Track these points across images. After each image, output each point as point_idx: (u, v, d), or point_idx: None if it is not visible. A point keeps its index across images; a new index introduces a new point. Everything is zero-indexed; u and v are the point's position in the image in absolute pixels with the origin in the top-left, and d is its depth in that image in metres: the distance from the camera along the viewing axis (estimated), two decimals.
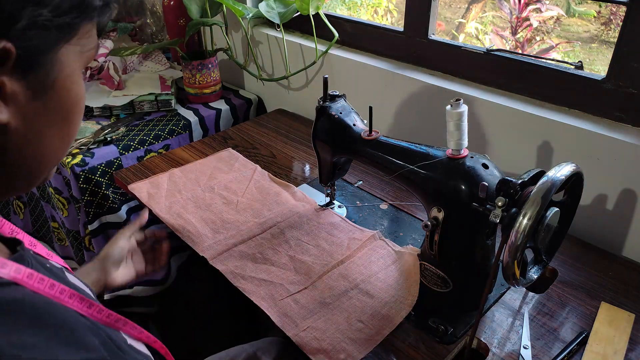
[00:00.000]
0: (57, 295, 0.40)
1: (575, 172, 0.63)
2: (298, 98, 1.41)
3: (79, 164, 1.13)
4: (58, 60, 0.38)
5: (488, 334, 0.72)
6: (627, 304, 0.76)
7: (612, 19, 2.75)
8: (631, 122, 0.87)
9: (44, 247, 0.49)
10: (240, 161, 1.13)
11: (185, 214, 0.95)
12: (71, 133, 0.43)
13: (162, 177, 1.07)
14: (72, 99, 0.41)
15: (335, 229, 0.92)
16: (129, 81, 1.45)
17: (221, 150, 1.17)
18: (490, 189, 0.65)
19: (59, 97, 0.39)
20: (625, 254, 0.90)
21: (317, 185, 1.05)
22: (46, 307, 0.38)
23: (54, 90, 0.39)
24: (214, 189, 1.03)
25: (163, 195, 1.01)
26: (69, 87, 0.40)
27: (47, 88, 0.38)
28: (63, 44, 0.38)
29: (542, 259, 0.70)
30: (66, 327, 0.38)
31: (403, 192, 1.03)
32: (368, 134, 0.82)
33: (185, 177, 1.07)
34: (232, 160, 1.13)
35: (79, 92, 0.41)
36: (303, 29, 1.38)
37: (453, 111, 0.69)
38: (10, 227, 0.46)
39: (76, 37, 0.39)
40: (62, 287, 0.40)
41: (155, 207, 0.97)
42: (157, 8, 1.68)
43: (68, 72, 0.39)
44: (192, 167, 1.11)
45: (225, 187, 1.04)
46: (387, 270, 0.82)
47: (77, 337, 0.38)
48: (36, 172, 0.42)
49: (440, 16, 2.99)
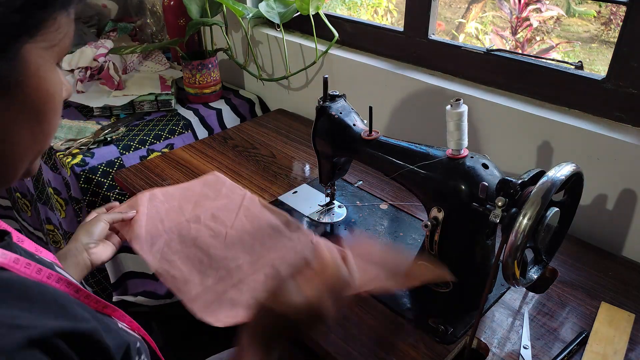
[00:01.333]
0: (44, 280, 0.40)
1: (575, 172, 0.63)
2: (298, 98, 1.41)
3: (79, 164, 1.13)
4: (20, 59, 0.36)
5: (488, 334, 0.72)
6: (627, 304, 0.76)
7: (612, 19, 2.75)
8: (631, 122, 0.87)
9: (33, 243, 0.49)
10: (227, 186, 1.02)
11: (170, 254, 0.84)
12: (45, 131, 0.41)
13: (142, 198, 0.93)
14: (41, 96, 0.39)
15: None
16: (129, 81, 1.45)
17: (207, 174, 1.06)
18: (490, 189, 0.65)
19: (26, 95, 0.38)
20: (625, 254, 0.90)
21: (317, 185, 1.05)
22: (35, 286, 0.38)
23: (19, 88, 0.37)
24: (200, 218, 0.92)
25: (143, 224, 0.88)
26: (37, 84, 0.38)
27: (9, 87, 0.36)
28: (24, 41, 0.36)
29: (542, 259, 0.70)
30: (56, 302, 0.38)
31: (403, 192, 1.03)
32: (368, 134, 0.82)
33: (168, 203, 0.95)
34: (218, 185, 1.02)
35: (49, 88, 0.40)
36: (303, 29, 1.38)
37: (453, 111, 0.69)
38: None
39: (41, 33, 0.37)
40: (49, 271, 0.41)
41: (135, 243, 0.85)
42: (157, 8, 1.68)
43: (34, 69, 0.37)
44: (175, 192, 0.98)
45: (212, 216, 0.93)
46: None
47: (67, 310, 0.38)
48: (10, 171, 0.41)
49: (440, 16, 2.99)
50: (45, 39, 0.38)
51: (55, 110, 0.41)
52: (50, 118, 0.41)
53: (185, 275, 0.80)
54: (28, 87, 0.38)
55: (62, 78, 0.42)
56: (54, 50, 0.39)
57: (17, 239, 0.47)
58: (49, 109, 0.40)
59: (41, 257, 0.48)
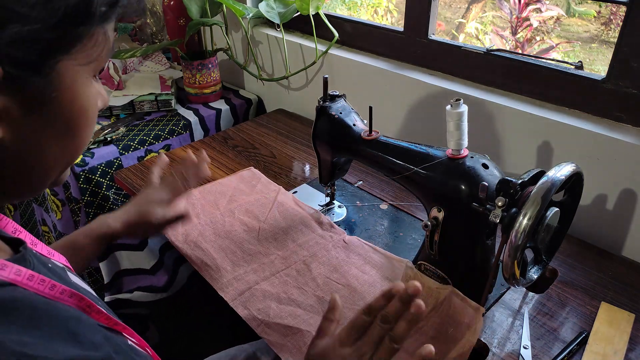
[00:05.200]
0: (57, 296, 0.40)
1: (575, 172, 0.63)
2: (298, 98, 1.41)
3: (79, 164, 1.13)
4: (56, 74, 0.36)
5: (488, 334, 0.72)
6: (627, 304, 0.76)
7: (612, 19, 2.75)
8: (631, 122, 0.87)
9: (46, 246, 0.49)
10: (262, 182, 1.05)
11: (203, 243, 0.87)
12: (76, 144, 0.41)
13: None
14: (74, 111, 0.39)
15: (367, 264, 0.83)
16: (129, 81, 1.45)
17: (242, 170, 1.09)
18: (490, 189, 0.65)
19: (60, 110, 0.38)
20: (625, 253, 0.90)
21: (317, 185, 1.05)
22: (46, 307, 0.38)
23: (53, 103, 0.37)
24: (234, 213, 0.95)
25: None
26: (71, 99, 0.38)
27: (44, 102, 0.36)
28: (60, 57, 0.36)
29: (542, 259, 0.70)
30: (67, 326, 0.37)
31: (403, 192, 1.03)
32: (368, 134, 0.82)
33: (203, 198, 0.99)
34: (253, 181, 1.05)
35: (83, 103, 0.39)
36: (303, 29, 1.38)
37: (453, 111, 0.69)
38: (13, 225, 0.46)
39: (77, 49, 0.37)
40: (62, 287, 0.40)
41: (171, 234, 0.89)
42: (157, 8, 1.68)
43: (68, 84, 0.37)
44: (211, 188, 1.02)
45: (246, 211, 0.96)
46: None
47: (78, 335, 0.38)
48: (38, 181, 0.41)
49: (440, 16, 2.99)
50: (81, 56, 0.37)
51: (88, 125, 0.41)
52: (83, 132, 0.41)
53: (218, 263, 0.82)
54: (62, 102, 0.37)
55: (97, 89, 0.42)
56: (91, 65, 0.39)
57: (31, 243, 0.46)
58: (82, 124, 0.40)
59: (54, 261, 0.48)
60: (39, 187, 0.42)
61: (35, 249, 0.47)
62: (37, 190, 0.42)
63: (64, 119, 0.39)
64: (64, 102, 0.38)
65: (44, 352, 0.34)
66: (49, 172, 0.41)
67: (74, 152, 0.42)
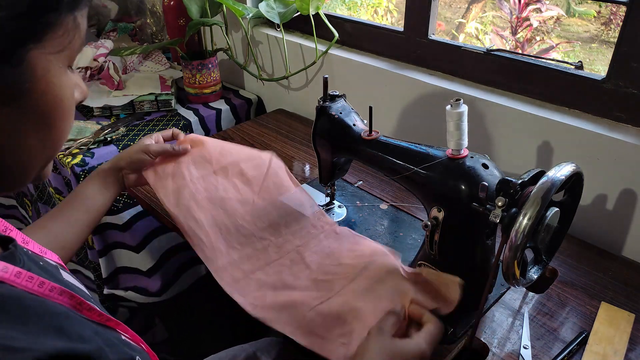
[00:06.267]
0: (46, 293, 0.40)
1: (575, 172, 0.63)
2: (298, 98, 1.41)
3: (79, 164, 1.13)
4: (27, 65, 0.35)
5: (488, 334, 0.72)
6: (627, 304, 0.76)
7: (612, 19, 2.75)
8: (631, 122, 0.87)
9: (37, 245, 0.49)
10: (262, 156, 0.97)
11: (197, 212, 0.83)
12: (55, 136, 0.40)
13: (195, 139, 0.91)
14: (49, 101, 0.38)
15: (358, 245, 0.83)
16: (129, 81, 1.45)
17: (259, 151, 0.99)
18: (490, 189, 0.65)
19: (33, 101, 0.37)
20: (625, 253, 0.90)
21: (317, 185, 1.05)
22: (33, 304, 0.37)
23: (27, 95, 0.36)
24: (227, 172, 0.90)
25: (170, 172, 0.87)
26: (44, 89, 0.37)
27: (18, 94, 0.36)
28: (30, 46, 0.35)
29: (542, 259, 0.70)
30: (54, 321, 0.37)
31: (403, 192, 1.03)
32: (368, 134, 0.82)
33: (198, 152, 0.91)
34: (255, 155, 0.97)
35: (58, 93, 0.39)
36: (303, 29, 1.38)
37: (453, 111, 0.69)
38: (3, 224, 0.46)
39: (47, 37, 0.36)
40: (51, 284, 0.40)
41: (161, 191, 0.85)
42: (157, 8, 1.68)
43: (41, 74, 0.37)
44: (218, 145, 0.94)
45: (240, 172, 0.91)
46: None
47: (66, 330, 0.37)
48: (19, 175, 0.41)
49: (440, 16, 2.99)
50: (52, 44, 0.37)
51: (64, 116, 0.41)
52: (60, 123, 0.40)
53: (212, 242, 0.81)
54: (36, 93, 0.37)
55: (75, 80, 0.41)
56: (63, 54, 0.38)
57: (23, 241, 0.46)
58: (58, 115, 0.40)
59: (46, 259, 0.48)
60: (21, 182, 0.41)
61: (27, 247, 0.47)
62: (19, 184, 0.42)
63: (39, 110, 0.38)
64: (38, 93, 0.37)
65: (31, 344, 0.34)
66: (30, 167, 0.41)
67: (54, 145, 0.41)
